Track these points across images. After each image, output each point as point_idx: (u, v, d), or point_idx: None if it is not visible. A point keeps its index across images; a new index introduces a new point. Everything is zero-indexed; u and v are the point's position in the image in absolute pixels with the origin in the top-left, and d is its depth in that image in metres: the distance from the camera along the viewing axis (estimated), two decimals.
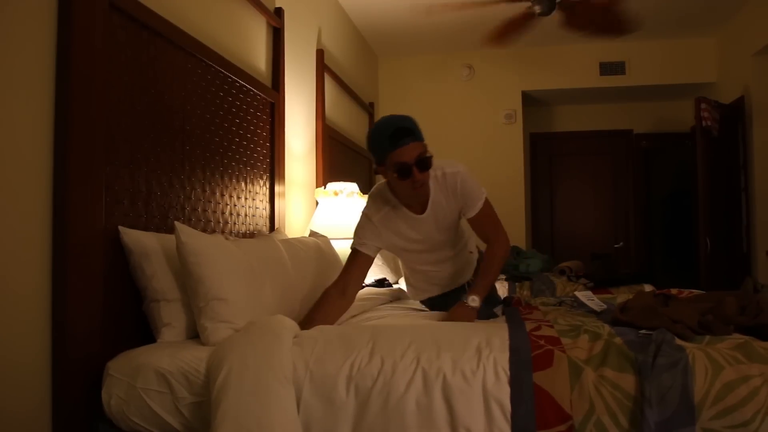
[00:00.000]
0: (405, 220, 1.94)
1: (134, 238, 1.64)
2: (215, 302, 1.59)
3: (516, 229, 5.09)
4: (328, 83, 3.68)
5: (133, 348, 1.54)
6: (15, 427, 1.35)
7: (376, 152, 1.82)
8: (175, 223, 1.65)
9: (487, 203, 1.99)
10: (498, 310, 2.12)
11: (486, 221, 1.99)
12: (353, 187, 3.15)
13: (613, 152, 5.71)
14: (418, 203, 1.92)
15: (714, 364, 1.29)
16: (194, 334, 1.65)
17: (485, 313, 2.00)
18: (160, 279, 1.64)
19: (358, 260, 1.94)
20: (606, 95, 5.38)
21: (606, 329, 1.54)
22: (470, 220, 1.98)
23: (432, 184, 1.89)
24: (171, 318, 1.65)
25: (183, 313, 1.66)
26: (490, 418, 1.31)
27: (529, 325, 1.62)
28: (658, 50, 4.94)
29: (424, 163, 1.78)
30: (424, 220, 1.92)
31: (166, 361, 1.44)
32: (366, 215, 1.97)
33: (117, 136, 1.66)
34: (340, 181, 3.33)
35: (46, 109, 1.45)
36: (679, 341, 1.41)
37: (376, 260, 3.56)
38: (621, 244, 5.59)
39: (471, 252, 2.16)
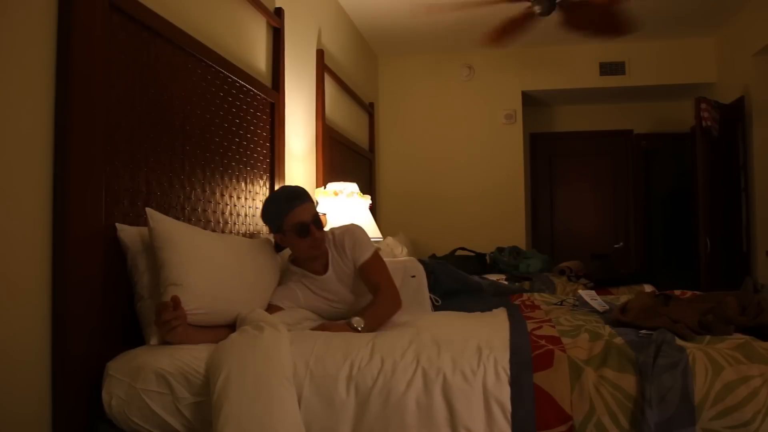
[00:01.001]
0: (313, 284, 1.96)
1: (130, 234, 1.63)
2: (171, 287, 1.53)
3: (516, 229, 5.10)
4: (328, 83, 3.68)
5: (133, 348, 1.54)
6: (15, 427, 1.35)
7: (273, 220, 1.92)
8: (147, 209, 1.61)
9: (377, 257, 1.98)
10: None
11: (374, 270, 1.95)
12: (353, 187, 3.15)
13: (613, 152, 5.71)
14: (321, 264, 1.97)
15: (714, 365, 1.30)
16: None
17: (489, 304, 2.03)
18: (151, 275, 1.62)
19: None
20: (606, 95, 5.38)
21: (606, 329, 1.54)
22: (360, 272, 1.96)
23: (328, 246, 1.98)
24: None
25: None
26: (490, 418, 1.32)
27: (530, 325, 1.62)
28: (658, 50, 4.94)
29: (319, 221, 1.93)
30: (329, 278, 1.96)
31: (166, 361, 1.44)
32: (283, 284, 1.98)
33: (117, 136, 1.66)
34: (340, 181, 3.33)
35: (47, 108, 1.45)
36: (679, 341, 1.41)
37: None
38: (621, 244, 5.59)
39: (413, 276, 2.11)
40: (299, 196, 1.91)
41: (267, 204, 1.96)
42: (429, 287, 2.12)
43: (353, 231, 2.02)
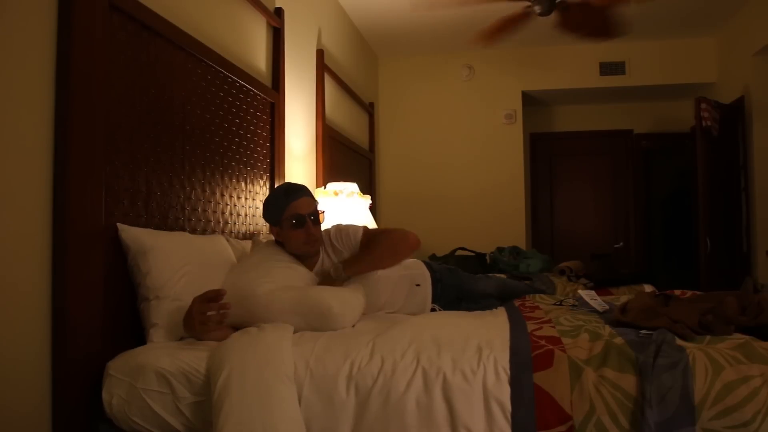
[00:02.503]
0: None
1: (132, 235, 1.63)
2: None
3: (516, 229, 5.10)
4: (328, 83, 3.68)
5: (133, 348, 1.54)
6: (15, 427, 1.35)
7: (272, 212, 1.92)
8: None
9: (367, 229, 2.03)
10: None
11: (371, 233, 2.00)
12: (353, 187, 3.15)
13: (613, 152, 5.71)
14: (312, 263, 1.96)
15: (714, 365, 1.30)
16: (182, 336, 1.63)
17: (490, 305, 2.04)
18: (153, 277, 1.62)
19: None
20: (606, 95, 5.38)
21: (607, 329, 1.54)
22: (361, 247, 1.97)
23: (322, 247, 1.99)
24: (159, 318, 1.61)
25: (173, 312, 1.63)
26: (490, 418, 1.32)
27: (530, 325, 1.62)
28: (658, 50, 4.94)
29: (317, 218, 1.93)
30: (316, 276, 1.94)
31: (166, 361, 1.43)
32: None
33: (117, 136, 1.66)
34: (340, 181, 3.33)
35: (47, 108, 1.45)
36: (679, 341, 1.41)
37: None
38: (621, 244, 5.59)
39: (418, 285, 2.07)
40: (299, 189, 1.94)
41: (268, 198, 1.97)
42: (435, 296, 2.07)
43: (337, 226, 2.05)
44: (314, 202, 1.96)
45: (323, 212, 2.01)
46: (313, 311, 1.63)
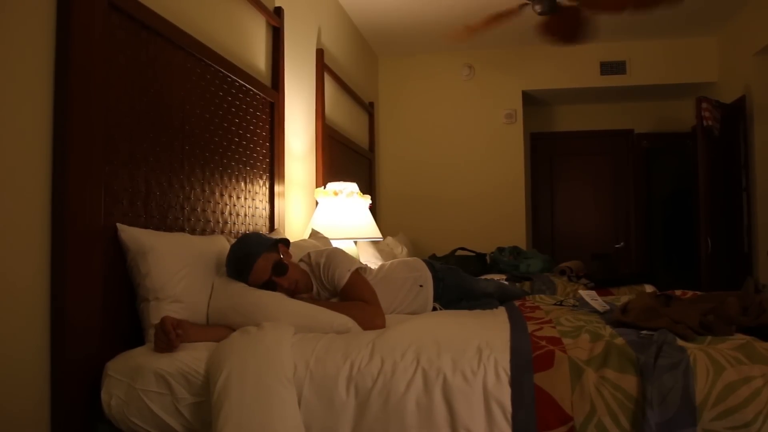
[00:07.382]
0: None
1: (132, 235, 1.63)
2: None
3: (516, 229, 5.09)
4: (328, 83, 3.68)
5: (132, 348, 1.54)
6: (14, 427, 1.35)
7: (243, 280, 1.80)
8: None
9: (356, 279, 1.89)
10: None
11: (353, 293, 1.86)
12: (353, 187, 3.15)
13: (613, 152, 5.71)
14: (306, 291, 1.93)
15: (715, 365, 1.29)
16: None
17: (487, 303, 2.05)
18: (153, 278, 1.62)
19: None
20: (607, 95, 5.38)
21: (607, 330, 1.53)
22: (341, 295, 1.90)
23: (309, 272, 1.95)
24: (159, 318, 1.58)
25: (172, 313, 1.62)
26: (490, 419, 1.31)
27: (531, 326, 1.61)
28: (659, 50, 4.93)
29: (279, 268, 1.82)
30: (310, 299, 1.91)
31: (165, 362, 1.43)
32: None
33: (116, 136, 1.66)
34: (340, 181, 3.33)
35: (46, 108, 1.44)
36: (680, 342, 1.40)
37: (374, 257, 3.55)
38: (621, 244, 5.58)
39: (421, 285, 2.07)
40: (246, 262, 1.78)
41: (228, 273, 1.82)
42: (436, 295, 2.08)
43: (330, 254, 1.95)
44: (268, 258, 1.80)
45: (286, 252, 1.88)
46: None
